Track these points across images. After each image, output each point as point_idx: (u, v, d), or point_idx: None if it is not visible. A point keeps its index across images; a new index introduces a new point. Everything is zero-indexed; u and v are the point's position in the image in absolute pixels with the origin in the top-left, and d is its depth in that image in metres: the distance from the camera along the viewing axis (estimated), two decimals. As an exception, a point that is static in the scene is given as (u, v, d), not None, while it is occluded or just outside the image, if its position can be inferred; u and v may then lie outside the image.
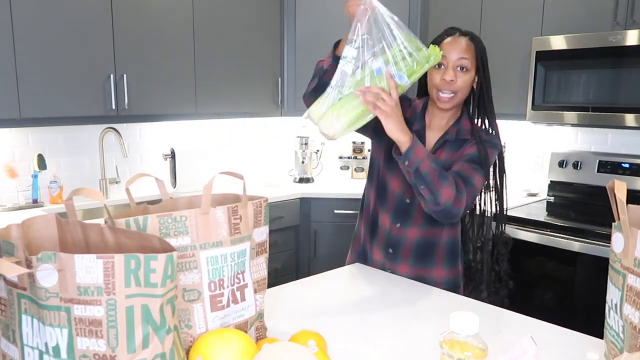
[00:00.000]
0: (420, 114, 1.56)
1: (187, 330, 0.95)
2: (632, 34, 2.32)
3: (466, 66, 1.43)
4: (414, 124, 1.54)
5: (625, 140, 2.77)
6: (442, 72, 1.44)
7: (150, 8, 2.68)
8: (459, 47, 1.43)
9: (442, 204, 1.34)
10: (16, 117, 2.33)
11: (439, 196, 1.33)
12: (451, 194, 1.34)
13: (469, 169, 1.43)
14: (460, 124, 1.52)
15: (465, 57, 1.43)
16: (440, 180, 1.33)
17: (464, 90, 1.46)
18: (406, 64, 1.27)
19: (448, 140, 1.51)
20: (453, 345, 0.77)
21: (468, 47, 1.44)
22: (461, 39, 1.45)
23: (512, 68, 2.83)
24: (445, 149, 1.51)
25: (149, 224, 0.89)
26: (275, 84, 3.29)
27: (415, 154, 1.32)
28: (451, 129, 1.52)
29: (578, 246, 2.33)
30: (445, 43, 1.45)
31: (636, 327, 0.87)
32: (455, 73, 1.43)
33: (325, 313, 1.26)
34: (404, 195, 1.53)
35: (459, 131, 1.51)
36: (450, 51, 1.44)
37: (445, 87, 1.44)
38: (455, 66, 1.43)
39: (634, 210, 0.96)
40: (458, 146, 1.50)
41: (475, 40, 1.47)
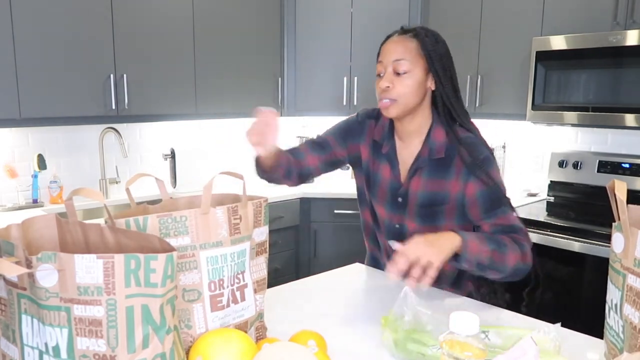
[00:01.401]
0: (389, 131, 1.41)
1: (187, 331, 0.95)
2: (632, 34, 2.32)
3: (404, 69, 1.28)
4: (382, 145, 1.41)
5: (625, 140, 2.77)
6: (380, 80, 1.32)
7: (150, 8, 2.68)
8: (394, 50, 1.29)
9: (514, 270, 1.24)
10: (16, 117, 2.33)
11: (507, 267, 1.23)
12: (517, 255, 1.24)
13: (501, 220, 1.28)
14: (430, 139, 1.34)
15: (402, 59, 1.27)
16: (501, 253, 1.21)
17: (408, 95, 1.29)
18: None
19: (421, 167, 1.35)
20: (453, 345, 0.77)
21: (408, 47, 1.29)
22: (401, 39, 1.30)
23: (512, 68, 2.83)
24: (421, 176, 1.35)
25: (149, 224, 0.89)
26: (275, 84, 3.29)
27: (469, 253, 1.18)
28: (423, 150, 1.34)
29: (578, 246, 2.33)
30: (383, 47, 1.33)
31: (636, 327, 0.87)
32: (392, 78, 1.29)
33: (325, 313, 1.26)
34: (392, 220, 1.43)
35: (432, 150, 1.33)
36: (385, 55, 1.31)
37: (383, 94, 1.30)
38: (392, 71, 1.29)
39: (634, 210, 0.96)
40: (439, 172, 1.32)
41: (419, 36, 1.29)
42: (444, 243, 1.15)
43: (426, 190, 1.34)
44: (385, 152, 1.40)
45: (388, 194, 1.41)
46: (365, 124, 1.46)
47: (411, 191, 1.36)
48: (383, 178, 1.41)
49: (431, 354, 0.99)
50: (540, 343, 0.96)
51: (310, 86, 3.34)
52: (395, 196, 1.40)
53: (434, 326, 1.02)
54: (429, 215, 1.36)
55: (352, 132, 1.47)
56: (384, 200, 1.42)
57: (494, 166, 1.31)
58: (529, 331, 1.00)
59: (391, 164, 1.40)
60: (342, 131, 1.48)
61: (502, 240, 1.24)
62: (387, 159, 1.40)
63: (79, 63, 2.47)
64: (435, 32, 1.32)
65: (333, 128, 1.50)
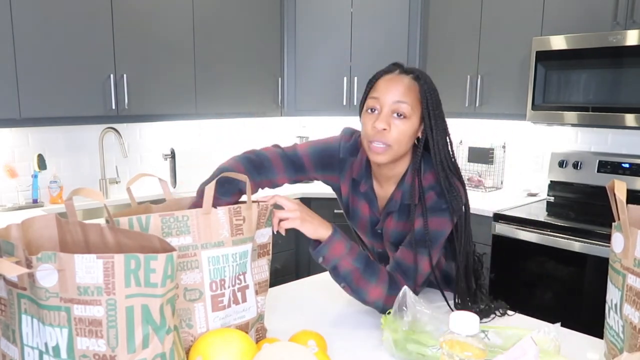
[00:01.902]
0: (366, 168, 1.32)
1: (188, 330, 0.95)
2: (632, 34, 2.32)
3: (404, 112, 1.17)
4: (360, 183, 1.33)
5: (625, 140, 2.77)
6: (374, 118, 1.19)
7: (150, 8, 2.68)
8: (397, 88, 1.18)
9: (371, 303, 1.19)
10: (16, 117, 2.33)
11: (366, 295, 1.17)
12: (381, 293, 1.17)
13: (408, 254, 1.21)
14: (404, 183, 1.26)
15: (404, 101, 1.17)
16: (366, 279, 1.16)
17: (401, 142, 1.18)
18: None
19: (393, 211, 1.29)
20: (453, 345, 0.77)
21: (409, 89, 1.18)
22: (402, 77, 1.20)
23: (512, 68, 2.83)
24: (393, 218, 1.30)
25: (151, 223, 0.90)
26: (275, 84, 3.29)
27: (330, 250, 1.14)
28: (395, 193, 1.28)
29: (578, 246, 2.33)
30: (381, 81, 1.21)
31: (636, 327, 0.87)
32: (389, 120, 1.17)
33: (325, 313, 1.26)
34: (374, 246, 1.41)
35: (404, 194, 1.26)
36: (385, 92, 1.18)
37: (377, 137, 1.17)
38: (390, 112, 1.18)
39: (634, 210, 0.96)
40: (407, 214, 1.27)
41: (420, 80, 1.19)
42: (314, 221, 1.14)
43: (397, 230, 1.31)
44: (363, 190, 1.34)
45: (368, 227, 1.38)
46: (347, 162, 1.36)
47: (385, 229, 1.34)
48: (362, 214, 1.38)
49: (431, 354, 0.99)
50: (540, 343, 0.96)
51: (310, 86, 3.34)
52: (374, 229, 1.37)
53: (434, 326, 1.02)
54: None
55: (331, 165, 1.37)
56: (364, 230, 1.40)
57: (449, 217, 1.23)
58: (529, 331, 1.00)
59: (369, 202, 1.35)
60: (321, 160, 1.36)
61: (376, 270, 1.18)
62: (366, 197, 1.35)
63: (79, 63, 2.47)
64: (430, 79, 1.23)
65: (313, 152, 1.36)
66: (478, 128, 3.35)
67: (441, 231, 1.22)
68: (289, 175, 1.34)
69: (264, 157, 1.30)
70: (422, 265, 1.21)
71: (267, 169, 1.29)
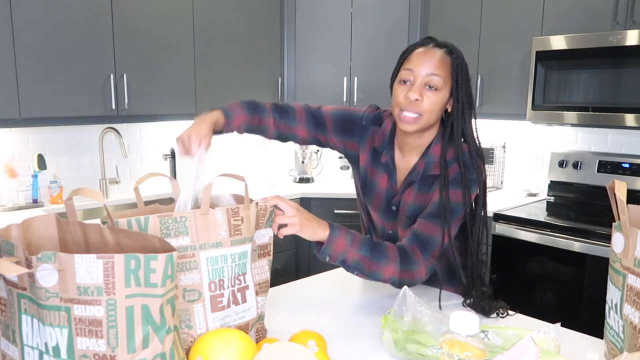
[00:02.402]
0: (389, 139, 1.35)
1: (188, 331, 0.95)
2: (632, 34, 2.32)
3: (436, 85, 1.21)
4: (382, 153, 1.36)
5: (625, 140, 2.77)
6: (407, 89, 1.23)
7: (150, 8, 2.68)
8: (431, 61, 1.21)
9: (388, 281, 1.22)
10: (16, 117, 2.33)
11: (380, 276, 1.21)
12: (394, 270, 1.20)
13: (428, 226, 1.24)
14: (429, 154, 1.30)
15: (436, 74, 1.21)
16: (376, 262, 1.19)
17: (432, 112, 1.23)
18: None
19: (414, 181, 1.31)
20: (453, 345, 0.77)
21: (442, 62, 1.22)
22: (435, 51, 1.23)
23: (512, 68, 2.83)
24: (412, 190, 1.32)
25: (150, 223, 0.90)
26: (275, 84, 3.29)
27: (334, 248, 1.16)
28: (419, 163, 1.31)
29: (578, 246, 2.33)
30: (415, 54, 1.24)
31: (636, 327, 0.87)
32: (422, 91, 1.21)
33: (325, 313, 1.26)
34: (385, 227, 1.42)
35: (428, 165, 1.29)
36: (419, 64, 1.22)
37: (409, 107, 1.22)
38: (423, 83, 1.21)
39: (634, 210, 0.96)
40: (428, 185, 1.30)
41: (453, 54, 1.24)
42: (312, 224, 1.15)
43: (415, 203, 1.32)
44: (384, 161, 1.36)
45: (383, 202, 1.39)
46: (369, 130, 1.39)
47: (403, 202, 1.34)
48: (379, 186, 1.39)
49: (431, 354, 0.99)
50: (540, 343, 0.96)
51: (310, 86, 3.34)
52: (389, 205, 1.38)
53: (434, 326, 1.02)
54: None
55: (353, 131, 1.40)
56: (378, 207, 1.41)
57: (473, 190, 1.27)
58: (529, 331, 1.00)
59: (389, 174, 1.36)
60: (343, 125, 1.41)
61: (383, 251, 1.20)
62: (385, 168, 1.36)
63: (79, 63, 2.47)
64: (462, 54, 1.26)
65: (337, 114, 1.41)
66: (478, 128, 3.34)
67: (461, 203, 1.25)
68: (308, 128, 1.40)
69: (289, 106, 1.40)
70: (438, 237, 1.24)
71: (289, 115, 1.38)
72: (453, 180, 1.25)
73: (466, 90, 1.25)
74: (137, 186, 1.02)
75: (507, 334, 1.03)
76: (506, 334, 1.03)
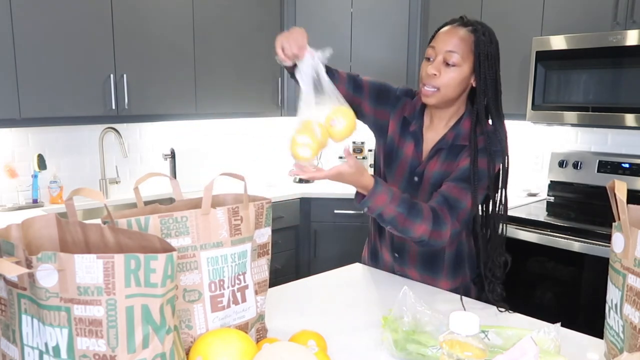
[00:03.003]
0: (420, 110, 1.44)
1: (188, 331, 0.95)
2: (632, 34, 2.32)
3: (454, 61, 1.29)
4: (411, 123, 1.44)
5: (625, 140, 2.77)
6: (428, 65, 1.33)
7: (150, 8, 2.68)
8: (451, 39, 1.30)
9: (417, 239, 1.26)
10: (16, 117, 2.33)
11: (411, 233, 1.25)
12: (425, 229, 1.24)
13: (455, 189, 1.30)
14: (459, 127, 1.38)
15: (454, 51, 1.29)
16: (411, 219, 1.23)
17: (450, 87, 1.31)
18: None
19: (442, 149, 1.38)
20: (453, 345, 0.77)
21: (463, 40, 1.30)
22: (458, 29, 1.31)
23: (512, 68, 2.83)
24: (439, 158, 1.39)
25: (150, 224, 0.89)
26: (275, 84, 3.29)
27: (374, 201, 1.22)
28: (449, 134, 1.38)
29: (578, 246, 2.33)
30: (440, 33, 1.34)
31: (636, 327, 0.87)
32: (440, 67, 1.30)
33: (325, 313, 1.26)
34: None
35: (457, 136, 1.37)
36: (440, 42, 1.31)
37: (428, 80, 1.32)
38: (442, 60, 1.30)
39: (634, 210, 0.96)
40: (454, 155, 1.37)
41: (477, 32, 1.31)
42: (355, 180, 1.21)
43: (440, 171, 1.38)
44: (412, 130, 1.43)
45: (407, 172, 1.44)
46: (401, 100, 1.48)
47: (428, 171, 1.40)
48: (405, 155, 1.44)
49: (431, 354, 0.99)
50: (540, 343, 0.96)
51: (310, 86, 3.33)
52: (412, 174, 1.43)
53: (434, 326, 1.02)
54: None
55: (387, 100, 1.48)
56: (400, 177, 1.45)
57: (500, 161, 1.34)
58: (529, 331, 1.00)
59: (416, 142, 1.43)
60: (379, 93, 1.48)
61: (420, 210, 1.25)
62: (413, 137, 1.43)
63: (79, 63, 2.47)
64: (492, 31, 1.34)
65: (374, 82, 1.50)
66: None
67: (486, 171, 1.31)
68: (347, 87, 1.46)
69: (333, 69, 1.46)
70: (466, 202, 1.29)
71: (333, 74, 1.43)
72: (481, 149, 1.32)
73: (489, 66, 1.31)
74: (137, 186, 1.02)
75: (507, 334, 1.03)
76: (506, 334, 1.03)
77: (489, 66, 1.32)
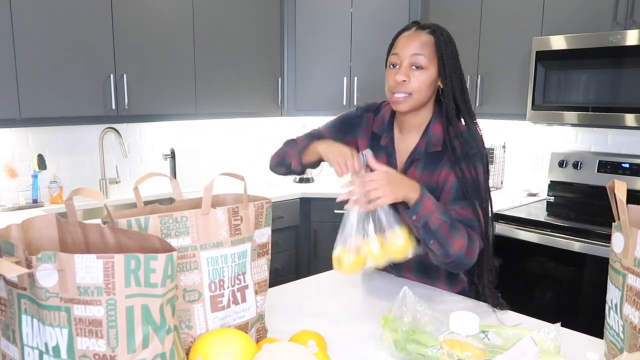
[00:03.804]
0: (389, 123, 1.42)
1: (188, 331, 0.95)
2: (632, 34, 2.32)
3: (421, 64, 1.28)
4: (381, 137, 1.42)
5: (625, 140, 2.77)
6: (395, 72, 1.31)
7: (150, 8, 2.68)
8: (413, 43, 1.29)
9: (453, 256, 1.24)
10: (16, 117, 2.33)
11: (451, 249, 1.23)
12: (463, 244, 1.23)
13: (462, 210, 1.28)
14: (429, 133, 1.35)
15: (420, 54, 1.28)
16: (452, 232, 1.23)
17: (422, 90, 1.29)
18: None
19: (418, 159, 1.36)
20: (453, 345, 0.77)
21: (425, 43, 1.29)
22: (418, 33, 1.30)
23: (512, 68, 2.83)
24: (417, 168, 1.36)
25: (150, 224, 0.89)
26: (275, 84, 3.29)
27: (424, 206, 1.21)
28: (420, 142, 1.36)
29: (578, 246, 2.33)
30: (400, 39, 1.32)
31: (636, 327, 0.87)
32: (408, 72, 1.28)
33: (325, 313, 1.26)
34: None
35: (429, 143, 1.34)
36: (403, 47, 1.30)
37: (398, 88, 1.29)
38: (409, 64, 1.29)
39: (634, 210, 0.96)
40: (433, 163, 1.34)
41: (436, 33, 1.30)
42: (404, 187, 1.21)
43: (420, 181, 1.33)
44: (384, 144, 1.41)
45: None
46: (364, 117, 1.47)
47: None
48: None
49: (431, 354, 0.99)
50: (540, 343, 0.96)
51: (310, 86, 3.34)
52: None
53: (434, 326, 1.02)
54: None
55: (350, 125, 1.48)
56: None
57: (480, 163, 1.31)
58: (529, 331, 1.00)
59: (389, 155, 1.41)
60: (340, 126, 1.50)
61: (457, 224, 1.25)
62: (385, 150, 1.41)
63: (79, 63, 2.47)
64: (447, 32, 1.33)
65: (332, 122, 1.52)
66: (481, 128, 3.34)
67: (477, 178, 1.29)
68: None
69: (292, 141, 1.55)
70: (475, 217, 1.28)
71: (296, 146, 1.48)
72: (461, 156, 1.29)
73: (453, 65, 1.30)
74: (137, 186, 1.02)
75: (507, 334, 1.03)
76: (506, 334, 1.03)
77: (454, 65, 1.30)
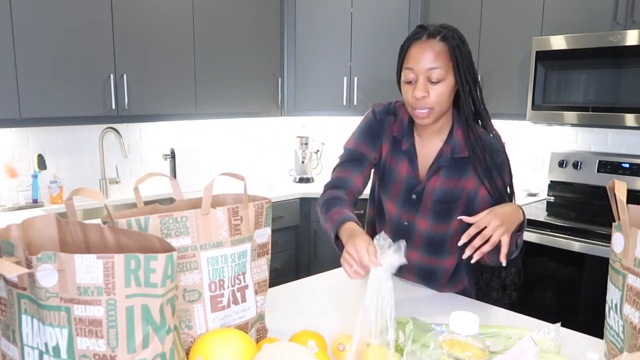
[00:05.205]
0: (408, 127, 1.38)
1: (188, 331, 0.95)
2: (632, 34, 2.32)
3: (438, 77, 1.24)
4: (402, 141, 1.38)
5: (625, 140, 2.77)
6: (412, 88, 1.26)
7: (150, 8, 2.68)
8: (427, 55, 1.23)
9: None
10: (16, 117, 2.33)
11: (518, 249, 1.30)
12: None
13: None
14: (453, 138, 1.34)
15: (436, 67, 1.23)
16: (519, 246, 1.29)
17: (442, 102, 1.27)
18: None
19: (443, 166, 1.34)
20: (453, 345, 0.77)
21: (439, 53, 1.24)
22: (431, 43, 1.24)
23: (512, 68, 2.83)
24: (440, 175, 1.35)
25: (150, 224, 0.89)
26: (275, 84, 3.29)
27: (523, 228, 1.26)
28: (445, 149, 1.34)
29: (578, 246, 2.33)
30: (412, 51, 1.26)
31: (636, 327, 0.87)
32: (427, 87, 1.24)
33: (325, 313, 1.26)
34: (401, 218, 1.42)
35: (454, 149, 1.33)
36: (417, 62, 1.24)
37: (419, 104, 1.26)
38: (425, 78, 1.24)
39: (634, 210, 0.96)
40: (458, 170, 1.34)
41: (448, 39, 1.25)
42: (513, 218, 1.19)
43: (443, 188, 1.35)
44: (405, 148, 1.38)
45: (402, 191, 1.40)
46: (385, 121, 1.42)
47: (428, 189, 1.36)
48: (399, 174, 1.40)
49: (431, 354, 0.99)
50: (540, 343, 0.96)
51: (310, 86, 3.34)
52: (409, 193, 1.39)
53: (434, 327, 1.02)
54: (442, 211, 1.36)
55: (376, 133, 1.42)
56: (397, 196, 1.41)
57: (507, 171, 1.35)
58: (529, 331, 1.00)
59: (410, 160, 1.38)
60: (369, 135, 1.42)
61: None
62: (407, 155, 1.38)
63: (79, 63, 2.47)
64: (456, 31, 1.29)
65: (359, 134, 1.44)
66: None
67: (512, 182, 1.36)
68: (358, 172, 1.40)
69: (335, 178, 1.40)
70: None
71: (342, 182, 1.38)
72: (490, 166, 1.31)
73: (468, 66, 1.28)
74: (137, 186, 1.02)
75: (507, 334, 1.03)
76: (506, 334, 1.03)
77: (468, 66, 1.28)
